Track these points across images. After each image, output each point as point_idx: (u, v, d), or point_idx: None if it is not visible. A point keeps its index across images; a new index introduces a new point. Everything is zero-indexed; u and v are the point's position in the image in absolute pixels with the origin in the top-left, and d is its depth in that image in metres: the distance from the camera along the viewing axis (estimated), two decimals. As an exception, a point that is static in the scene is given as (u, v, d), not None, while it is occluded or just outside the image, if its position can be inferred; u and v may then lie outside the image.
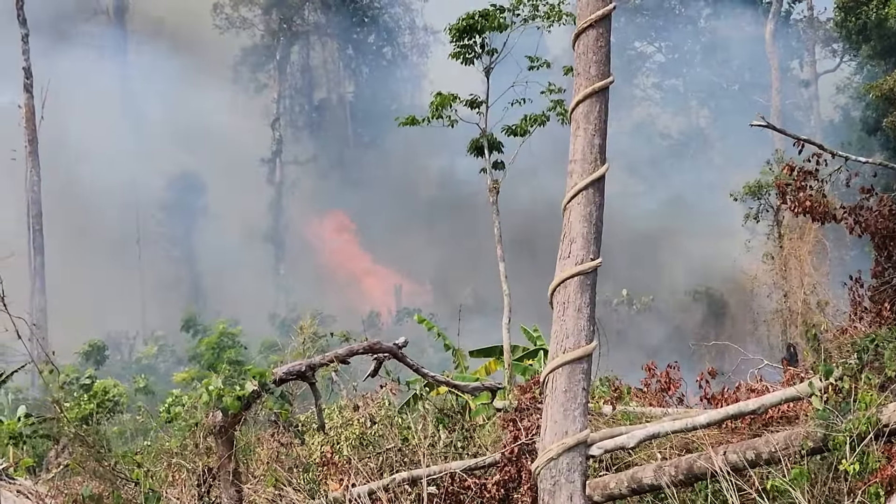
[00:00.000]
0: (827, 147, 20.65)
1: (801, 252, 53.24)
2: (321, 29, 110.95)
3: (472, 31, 30.05)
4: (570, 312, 14.41)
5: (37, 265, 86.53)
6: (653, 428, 15.73)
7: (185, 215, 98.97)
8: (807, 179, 20.66)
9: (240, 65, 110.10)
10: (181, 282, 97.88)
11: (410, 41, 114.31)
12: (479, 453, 18.70)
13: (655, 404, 19.16)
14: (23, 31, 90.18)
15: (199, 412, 18.95)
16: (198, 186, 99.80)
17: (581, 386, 14.31)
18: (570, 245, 14.51)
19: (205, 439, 18.90)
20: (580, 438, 14.19)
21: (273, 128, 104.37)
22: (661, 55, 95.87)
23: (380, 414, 19.98)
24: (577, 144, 14.71)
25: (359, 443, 19.48)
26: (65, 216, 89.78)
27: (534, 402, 17.81)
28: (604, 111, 14.77)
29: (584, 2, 14.85)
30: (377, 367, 19.86)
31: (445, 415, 19.84)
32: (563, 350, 14.34)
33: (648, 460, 16.51)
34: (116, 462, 20.57)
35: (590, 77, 14.74)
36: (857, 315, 20.28)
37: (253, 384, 17.87)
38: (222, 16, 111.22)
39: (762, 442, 14.89)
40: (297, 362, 19.01)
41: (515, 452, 16.81)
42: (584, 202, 14.52)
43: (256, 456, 20.04)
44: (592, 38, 14.81)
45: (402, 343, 19.75)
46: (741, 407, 15.91)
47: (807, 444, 14.45)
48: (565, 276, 14.43)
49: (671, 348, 64.94)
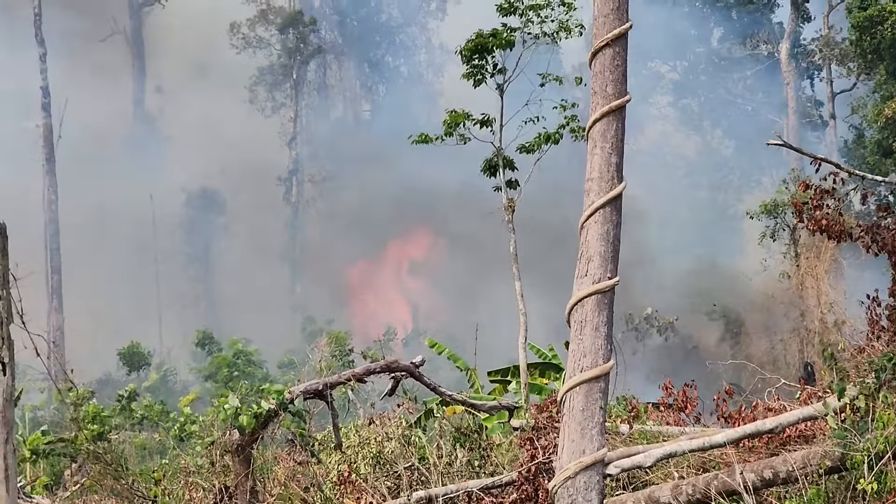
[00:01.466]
0: (843, 166, 20.63)
1: (817, 271, 53.13)
2: (337, 48, 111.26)
3: (483, 50, 30.08)
4: (588, 331, 14.38)
5: (54, 283, 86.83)
6: (670, 447, 15.72)
7: (203, 233, 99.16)
8: (824, 198, 20.63)
9: (256, 84, 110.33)
10: (198, 300, 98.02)
11: (426, 60, 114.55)
12: (496, 472, 18.69)
13: (672, 423, 19.15)
14: (40, 50, 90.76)
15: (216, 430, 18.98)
16: (215, 204, 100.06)
17: (598, 405, 14.28)
18: (587, 264, 14.50)
19: (222, 458, 18.93)
20: (597, 457, 14.17)
21: (290, 146, 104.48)
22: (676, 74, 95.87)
23: (397, 433, 19.97)
24: (594, 163, 14.70)
25: (376, 461, 19.48)
26: (82, 234, 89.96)
27: (551, 421, 17.80)
28: (621, 129, 14.76)
29: (601, 21, 14.86)
30: (394, 385, 19.87)
31: (462, 433, 19.84)
32: (581, 369, 14.32)
33: (665, 479, 16.49)
34: (134, 480, 20.62)
35: (606, 95, 14.74)
36: (874, 334, 20.23)
37: (270, 402, 17.88)
38: (239, 35, 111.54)
39: (780, 461, 14.88)
40: (314, 381, 19.06)
41: (532, 471, 16.80)
42: (602, 221, 14.51)
43: (273, 474, 20.05)
44: (609, 57, 14.82)
45: (420, 362, 19.76)
46: (759, 426, 15.90)
47: (824, 463, 14.44)
48: (582, 295, 14.41)
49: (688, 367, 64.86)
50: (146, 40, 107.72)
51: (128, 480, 20.53)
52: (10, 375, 15.12)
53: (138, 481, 20.75)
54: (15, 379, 15.37)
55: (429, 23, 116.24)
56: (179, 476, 20.47)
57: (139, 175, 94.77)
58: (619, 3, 14.84)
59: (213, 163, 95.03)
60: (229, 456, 18.38)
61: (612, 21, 14.80)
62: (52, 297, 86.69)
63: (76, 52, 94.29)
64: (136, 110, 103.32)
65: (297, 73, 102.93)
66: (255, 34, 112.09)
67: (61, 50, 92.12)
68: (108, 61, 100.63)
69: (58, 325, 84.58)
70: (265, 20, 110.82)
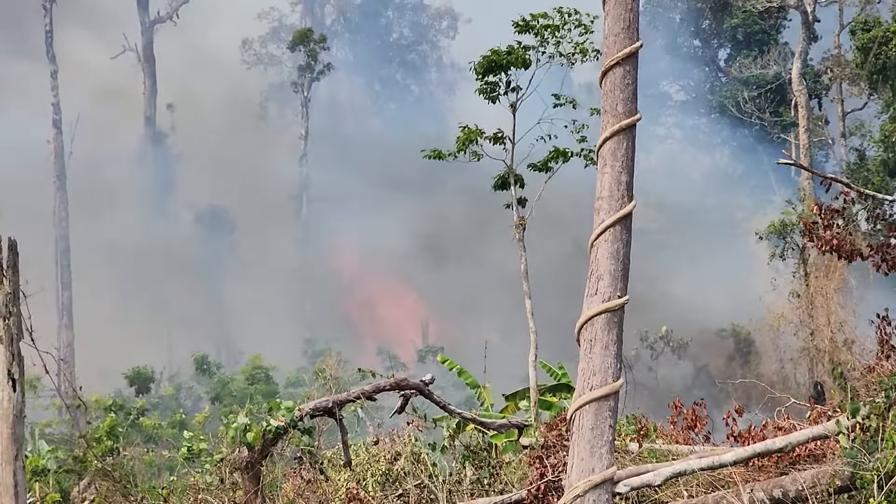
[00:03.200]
0: (854, 185, 20.60)
1: (827, 290, 53.10)
2: (348, 66, 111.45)
3: (497, 68, 30.04)
4: (597, 350, 14.36)
5: (64, 300, 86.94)
6: (679, 465, 15.71)
7: (212, 250, 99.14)
8: (833, 217, 20.61)
9: (267, 101, 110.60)
10: (207, 317, 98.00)
11: (437, 78, 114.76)
12: (505, 490, 18.69)
13: (682, 442, 19.12)
14: (51, 67, 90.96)
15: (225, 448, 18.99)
16: (225, 222, 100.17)
17: (608, 423, 14.26)
18: (597, 282, 14.48)
19: (231, 475, 18.93)
20: (606, 476, 14.14)
21: (300, 164, 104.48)
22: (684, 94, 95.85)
23: (406, 450, 19.96)
24: (604, 181, 14.69)
25: (385, 479, 19.46)
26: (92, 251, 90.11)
27: (560, 440, 17.79)
28: (631, 148, 14.75)
29: (611, 40, 14.87)
30: (404, 403, 19.86)
31: (472, 452, 19.81)
32: (590, 387, 14.30)
33: (675, 498, 16.48)
34: (143, 497, 20.62)
35: (617, 114, 14.74)
36: (884, 353, 20.21)
37: (279, 420, 17.89)
38: (250, 52, 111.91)
39: (789, 480, 14.86)
40: (323, 398, 19.07)
41: (542, 489, 16.79)
42: (612, 239, 14.50)
43: (282, 492, 20.05)
44: (619, 76, 14.82)
45: (429, 380, 19.76)
46: (768, 445, 15.88)
47: (834, 482, 14.42)
48: (592, 314, 14.40)
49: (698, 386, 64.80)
50: (157, 58, 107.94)
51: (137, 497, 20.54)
52: (20, 391, 15.16)
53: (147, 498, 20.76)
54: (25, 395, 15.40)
55: (440, 41, 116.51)
56: (189, 493, 20.47)
57: (149, 192, 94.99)
58: (629, 22, 14.85)
59: (222, 180, 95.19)
60: (238, 473, 18.39)
61: (622, 40, 14.81)
62: (63, 313, 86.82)
63: (87, 69, 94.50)
64: (147, 128, 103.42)
65: (308, 91, 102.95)
66: (266, 51, 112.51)
67: (73, 67, 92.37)
68: (119, 79, 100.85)
69: (68, 342, 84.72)
70: (277, 37, 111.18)
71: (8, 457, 15.03)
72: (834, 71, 79.71)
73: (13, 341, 15.16)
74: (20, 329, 15.28)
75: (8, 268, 15.16)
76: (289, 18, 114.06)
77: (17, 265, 15.31)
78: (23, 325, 15.32)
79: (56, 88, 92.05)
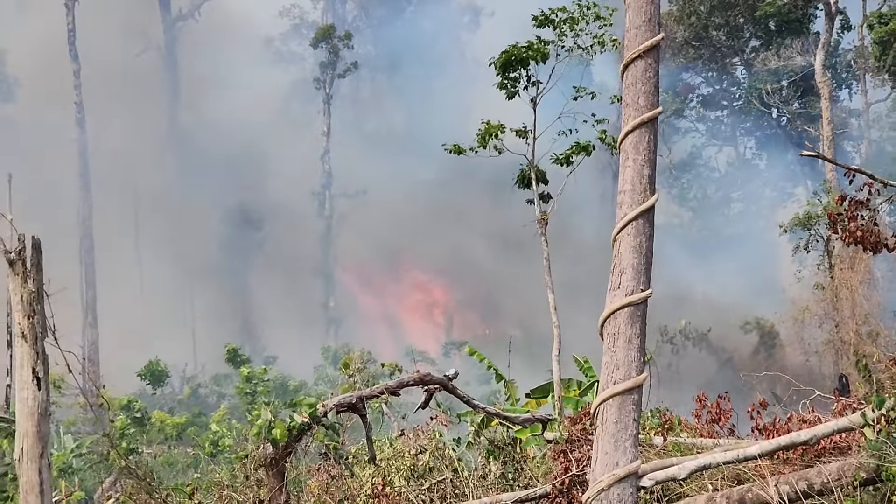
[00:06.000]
0: (878, 176, 20.47)
1: (852, 282, 52.96)
2: (370, 62, 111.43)
3: (517, 63, 30.00)
4: (621, 343, 14.32)
5: (89, 299, 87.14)
6: (704, 459, 15.66)
7: (236, 247, 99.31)
8: (858, 209, 20.48)
9: (290, 98, 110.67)
10: (232, 314, 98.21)
11: (458, 73, 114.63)
12: (529, 485, 18.66)
13: (706, 435, 19.08)
14: (74, 66, 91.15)
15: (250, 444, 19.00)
16: (250, 219, 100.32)
17: (632, 417, 14.22)
18: (619, 276, 14.44)
19: (255, 471, 18.94)
20: (631, 470, 14.11)
21: (322, 161, 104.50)
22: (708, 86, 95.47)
23: (430, 445, 19.94)
24: (626, 175, 14.63)
25: (409, 474, 19.45)
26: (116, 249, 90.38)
27: (584, 434, 17.77)
28: (653, 141, 14.69)
29: (633, 33, 14.81)
30: (427, 398, 19.84)
31: (496, 446, 19.79)
32: (614, 381, 14.26)
33: (700, 492, 16.43)
34: (168, 495, 20.64)
35: (638, 107, 14.68)
36: (909, 345, 20.13)
37: (303, 416, 17.89)
38: (272, 49, 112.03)
39: (814, 473, 14.81)
40: (347, 394, 19.05)
41: (566, 484, 16.76)
42: (634, 233, 14.44)
43: (307, 488, 20.05)
44: (641, 69, 14.76)
45: (453, 375, 19.73)
46: (793, 438, 15.82)
47: (859, 475, 14.36)
48: (615, 308, 14.35)
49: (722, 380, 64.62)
50: (180, 55, 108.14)
51: (161, 495, 20.57)
52: (45, 390, 15.20)
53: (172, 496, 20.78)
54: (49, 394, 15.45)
55: (461, 35, 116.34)
56: (213, 490, 20.49)
57: (173, 191, 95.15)
58: (650, 14, 14.79)
59: (246, 178, 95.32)
60: (263, 470, 18.39)
61: (643, 33, 14.75)
62: (87, 312, 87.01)
63: (110, 67, 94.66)
64: (170, 125, 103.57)
65: (330, 87, 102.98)
66: (288, 48, 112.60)
67: (96, 65, 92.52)
68: (141, 76, 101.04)
69: (92, 340, 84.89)
70: (298, 34, 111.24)
71: (34, 455, 15.08)
72: (858, 62, 79.51)
73: (37, 340, 15.20)
74: (44, 328, 15.33)
75: (31, 266, 15.21)
76: (310, 15, 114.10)
77: (41, 264, 15.36)
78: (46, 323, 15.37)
79: (79, 87, 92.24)
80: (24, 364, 15.19)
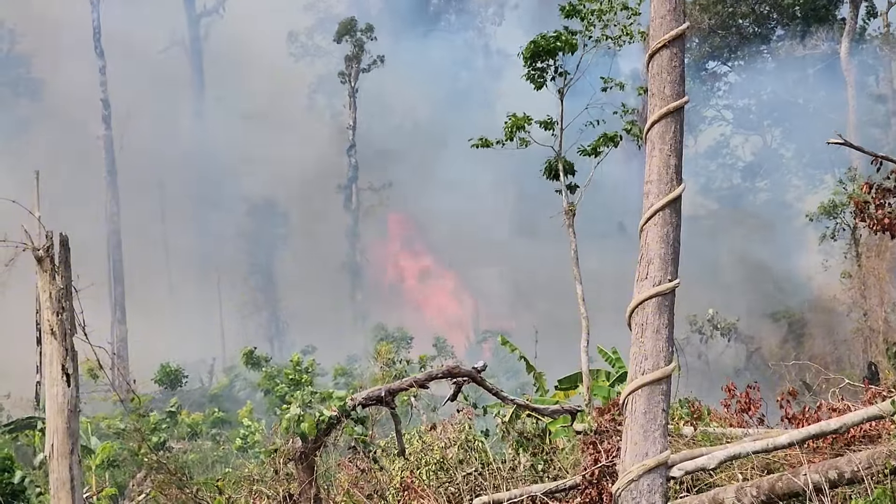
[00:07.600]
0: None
1: (879, 270, 52.79)
2: (395, 54, 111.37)
3: (545, 53, 29.90)
4: (649, 334, 14.29)
5: (117, 295, 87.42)
6: (733, 449, 15.64)
7: (264, 242, 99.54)
8: (885, 197, 20.37)
9: (315, 92, 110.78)
10: (260, 309, 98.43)
11: (484, 65, 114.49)
12: (559, 476, 18.65)
13: (736, 425, 19.03)
14: (100, 62, 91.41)
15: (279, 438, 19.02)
16: (276, 213, 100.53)
17: (661, 407, 14.19)
18: (647, 266, 14.40)
19: (285, 465, 18.96)
20: (660, 460, 14.08)
21: (348, 154, 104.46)
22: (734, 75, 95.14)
23: (460, 438, 19.92)
24: (652, 165, 14.60)
25: (439, 467, 19.44)
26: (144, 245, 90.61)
27: (613, 425, 17.75)
28: (679, 131, 14.65)
29: (658, 22, 14.77)
30: (456, 391, 19.80)
31: (525, 438, 19.76)
32: (642, 371, 14.23)
33: (729, 481, 16.41)
34: (198, 489, 20.69)
35: (664, 97, 14.64)
36: (938, 332, 20.06)
37: (332, 410, 17.90)
38: (297, 44, 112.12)
39: (844, 461, 14.76)
40: (376, 388, 19.05)
41: (596, 475, 16.75)
42: (661, 223, 14.41)
43: (337, 481, 20.06)
44: (666, 59, 14.72)
45: (482, 367, 19.67)
46: (823, 426, 15.78)
47: (889, 463, 14.32)
48: (643, 298, 14.32)
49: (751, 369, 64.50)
50: (205, 50, 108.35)
51: (192, 489, 20.62)
52: (75, 386, 15.25)
53: (202, 490, 20.83)
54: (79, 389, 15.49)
55: (486, 27, 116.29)
56: (243, 484, 20.52)
57: (199, 185, 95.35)
58: (675, 4, 14.75)
59: (272, 172, 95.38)
60: (293, 464, 18.42)
61: (668, 22, 14.71)
62: (115, 308, 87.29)
63: (136, 63, 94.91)
64: (196, 120, 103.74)
65: (355, 81, 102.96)
66: (312, 42, 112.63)
67: (120, 62, 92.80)
68: (167, 72, 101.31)
69: (121, 337, 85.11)
70: (323, 29, 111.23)
71: (64, 451, 15.13)
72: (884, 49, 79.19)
73: (66, 336, 15.26)
74: (73, 324, 15.38)
75: (60, 263, 15.26)
76: (335, 9, 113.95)
77: (69, 261, 15.41)
78: (76, 319, 15.42)
79: (104, 84, 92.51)
80: (53, 361, 15.24)
